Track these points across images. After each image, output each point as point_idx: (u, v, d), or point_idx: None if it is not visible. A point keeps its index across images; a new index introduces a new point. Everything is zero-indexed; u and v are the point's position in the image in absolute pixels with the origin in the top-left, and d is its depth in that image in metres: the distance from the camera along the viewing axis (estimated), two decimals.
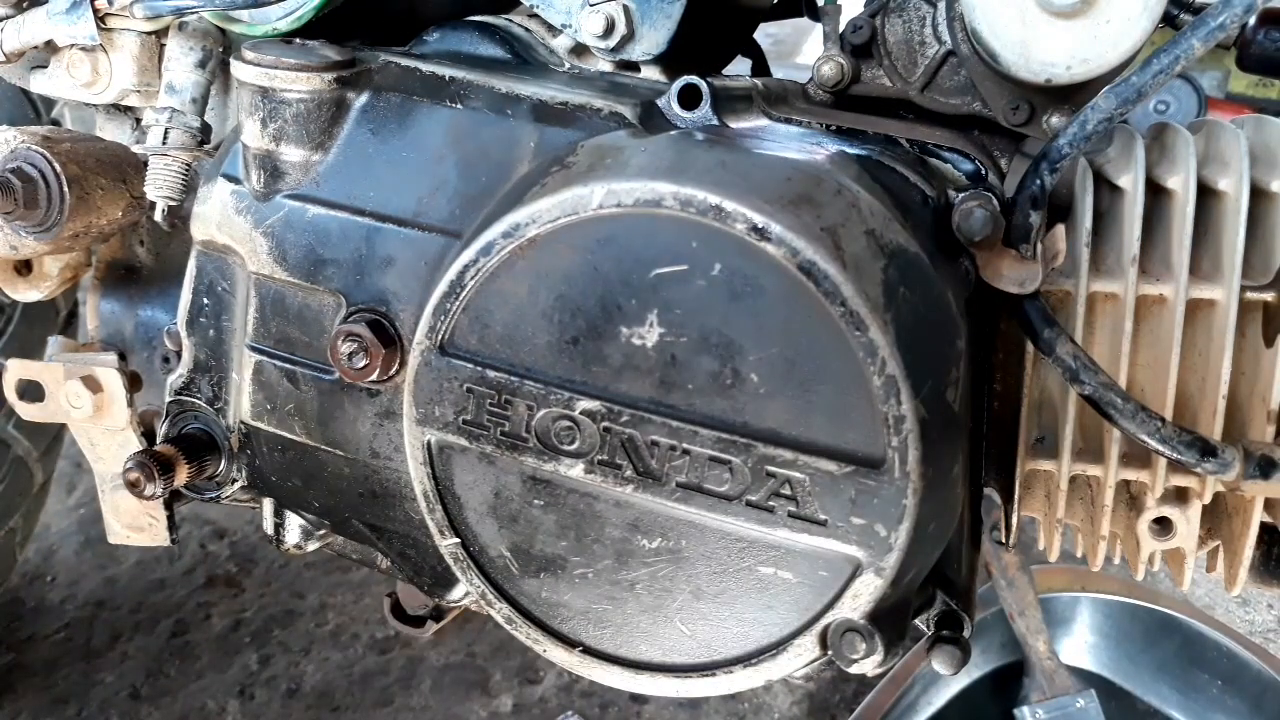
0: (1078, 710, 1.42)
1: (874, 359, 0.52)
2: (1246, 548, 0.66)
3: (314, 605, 1.76)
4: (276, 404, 0.73)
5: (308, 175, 0.69)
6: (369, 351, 0.66)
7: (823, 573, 0.56)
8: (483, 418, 0.60)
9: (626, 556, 0.60)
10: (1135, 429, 0.56)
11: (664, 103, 0.63)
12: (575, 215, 0.56)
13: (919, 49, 0.67)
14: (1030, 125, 0.66)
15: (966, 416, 0.63)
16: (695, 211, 0.54)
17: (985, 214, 0.58)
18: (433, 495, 0.63)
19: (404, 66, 0.69)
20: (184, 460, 0.75)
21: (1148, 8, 0.59)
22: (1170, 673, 1.50)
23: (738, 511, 0.56)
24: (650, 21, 0.72)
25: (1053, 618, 1.47)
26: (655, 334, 0.56)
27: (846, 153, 0.64)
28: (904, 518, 0.54)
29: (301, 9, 0.76)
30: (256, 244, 0.71)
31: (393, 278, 0.67)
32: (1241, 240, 0.61)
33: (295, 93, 0.67)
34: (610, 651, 0.63)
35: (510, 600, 0.64)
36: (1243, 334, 0.64)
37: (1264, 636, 1.79)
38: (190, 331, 0.77)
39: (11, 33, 0.82)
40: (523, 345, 0.59)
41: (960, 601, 0.65)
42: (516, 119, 0.66)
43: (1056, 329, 0.57)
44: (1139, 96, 0.56)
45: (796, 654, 0.58)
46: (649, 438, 0.57)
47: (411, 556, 0.74)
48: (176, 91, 0.81)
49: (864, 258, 0.54)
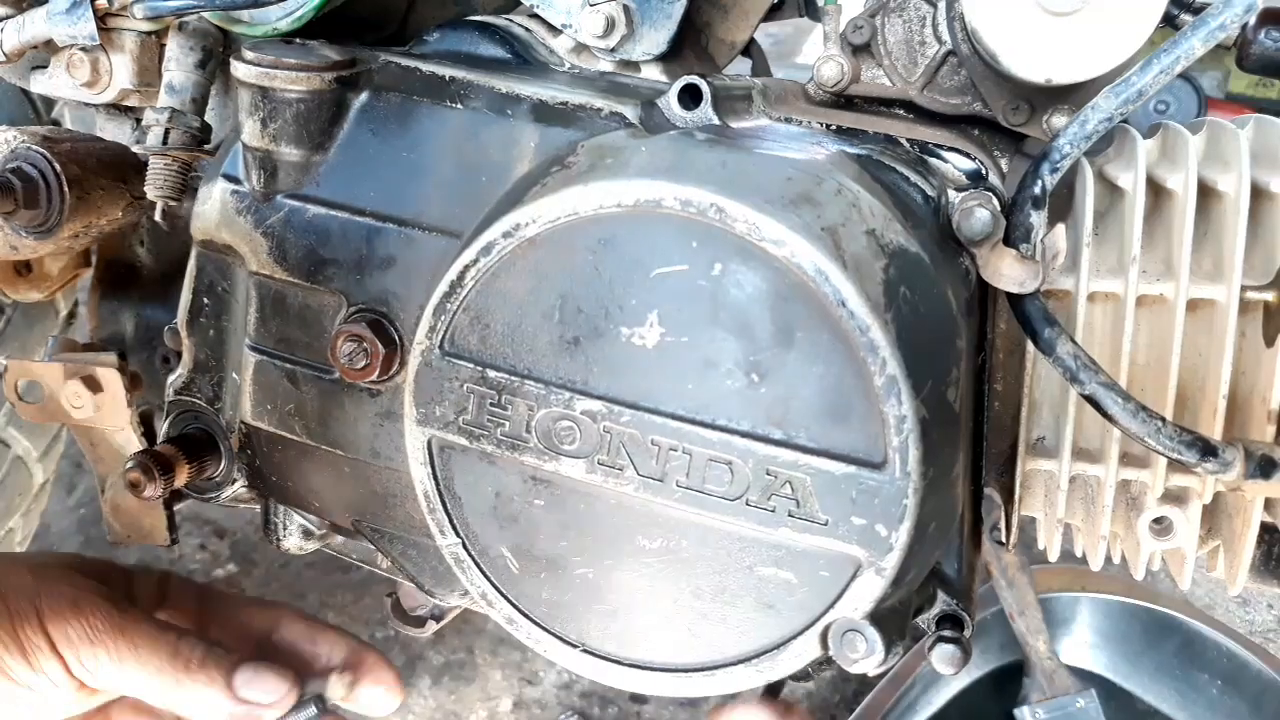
0: (1078, 710, 1.42)
1: (874, 359, 0.52)
2: (1246, 547, 0.66)
3: (314, 605, 1.76)
4: (276, 404, 0.73)
5: (308, 175, 0.69)
6: (369, 351, 0.66)
7: (823, 573, 0.56)
8: (483, 418, 0.60)
9: (626, 556, 0.60)
10: (1135, 429, 0.56)
11: (664, 103, 0.63)
12: (575, 215, 0.56)
13: (919, 49, 0.67)
14: (1030, 125, 0.66)
15: (966, 416, 0.63)
16: (695, 211, 0.54)
17: (986, 214, 0.58)
18: (433, 495, 0.63)
19: (404, 66, 0.69)
20: (184, 460, 0.75)
21: (1148, 8, 0.59)
22: (1170, 673, 1.50)
23: (738, 512, 0.56)
24: (650, 21, 0.72)
25: (1053, 618, 1.47)
26: (656, 334, 0.56)
27: (846, 153, 0.64)
28: (904, 518, 0.54)
29: (301, 9, 0.76)
30: (256, 244, 0.71)
31: (393, 278, 0.67)
32: (1242, 240, 0.61)
33: (295, 93, 0.67)
34: (610, 651, 0.63)
35: (510, 600, 0.64)
36: (1243, 334, 0.64)
37: (1264, 636, 1.79)
38: (190, 331, 0.77)
39: (11, 33, 0.82)
40: (523, 345, 0.59)
41: (960, 601, 0.65)
42: (517, 119, 0.66)
43: (1056, 329, 0.57)
44: (1139, 96, 0.56)
45: (797, 654, 0.58)
46: (649, 438, 0.57)
47: (412, 556, 0.74)
48: (176, 91, 0.81)
49: (864, 258, 0.54)
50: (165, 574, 0.81)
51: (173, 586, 0.80)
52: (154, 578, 0.80)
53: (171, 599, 0.79)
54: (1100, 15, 0.59)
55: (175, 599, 0.79)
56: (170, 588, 0.80)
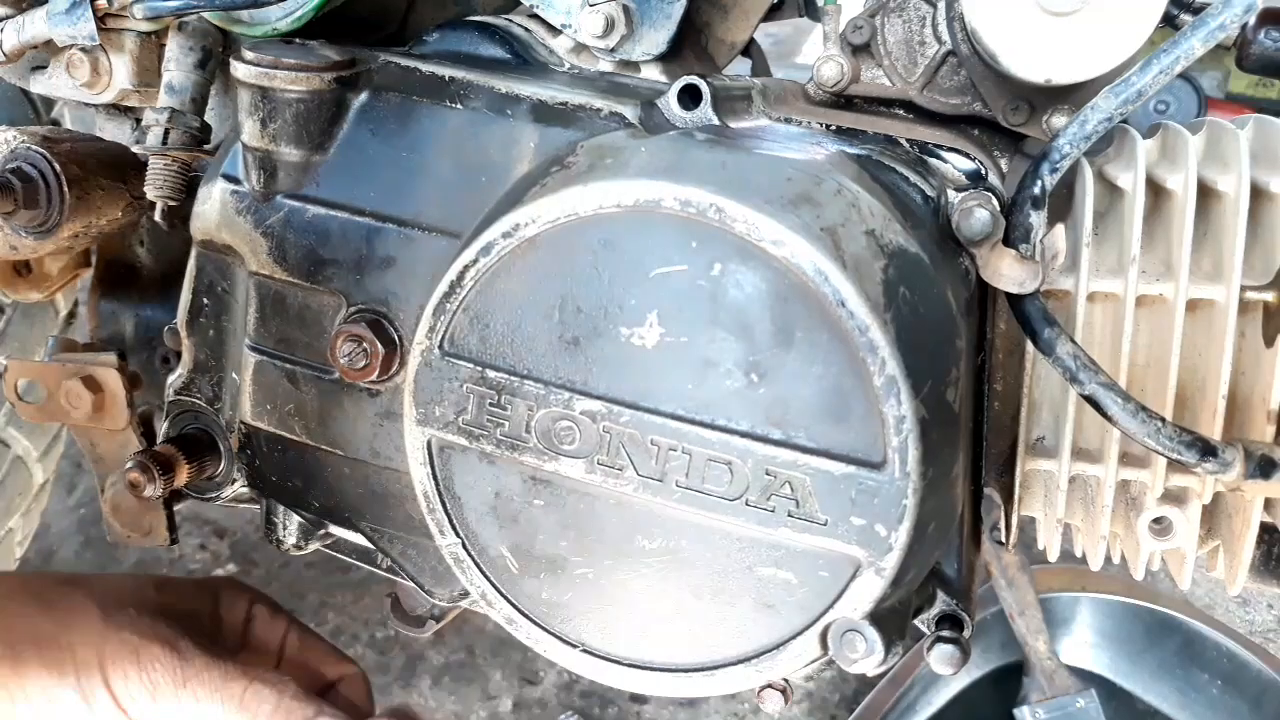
0: (1078, 710, 1.42)
1: (874, 359, 0.52)
2: (1246, 548, 0.66)
3: (314, 605, 1.76)
4: (276, 404, 0.73)
5: (307, 175, 0.69)
6: (369, 351, 0.66)
7: (823, 573, 0.56)
8: (483, 418, 0.60)
9: (626, 556, 0.60)
10: (1135, 429, 0.56)
11: (664, 103, 0.63)
12: (575, 215, 0.56)
13: (919, 49, 0.67)
14: (1030, 125, 0.66)
15: (966, 416, 0.63)
16: (695, 211, 0.54)
17: (985, 214, 0.58)
18: (433, 495, 0.63)
19: (404, 66, 0.69)
20: (184, 460, 0.75)
21: (1148, 8, 0.59)
22: (1170, 673, 1.50)
23: (738, 512, 0.56)
24: (650, 21, 0.72)
25: (1053, 618, 1.47)
26: (655, 334, 0.56)
27: (846, 153, 0.64)
28: (904, 518, 0.54)
29: (301, 9, 0.76)
30: (256, 244, 0.71)
31: (393, 278, 0.67)
32: (1242, 240, 0.61)
33: (295, 93, 0.67)
34: (610, 651, 0.63)
35: (510, 600, 0.64)
36: (1243, 334, 0.64)
37: (1264, 636, 1.79)
38: (190, 331, 0.77)
39: (11, 33, 0.82)
40: (523, 345, 0.59)
41: (960, 601, 0.65)
42: (516, 119, 0.66)
43: (1056, 329, 0.57)
44: (1139, 96, 0.56)
45: (796, 654, 0.58)
46: (649, 438, 0.57)
47: (412, 556, 0.74)
48: (176, 91, 0.81)
49: (864, 258, 0.54)
50: (254, 595, 0.79)
51: (259, 614, 0.78)
52: (244, 600, 0.78)
53: (258, 627, 0.78)
54: (1100, 15, 0.59)
55: (261, 628, 0.78)
56: (257, 614, 0.78)
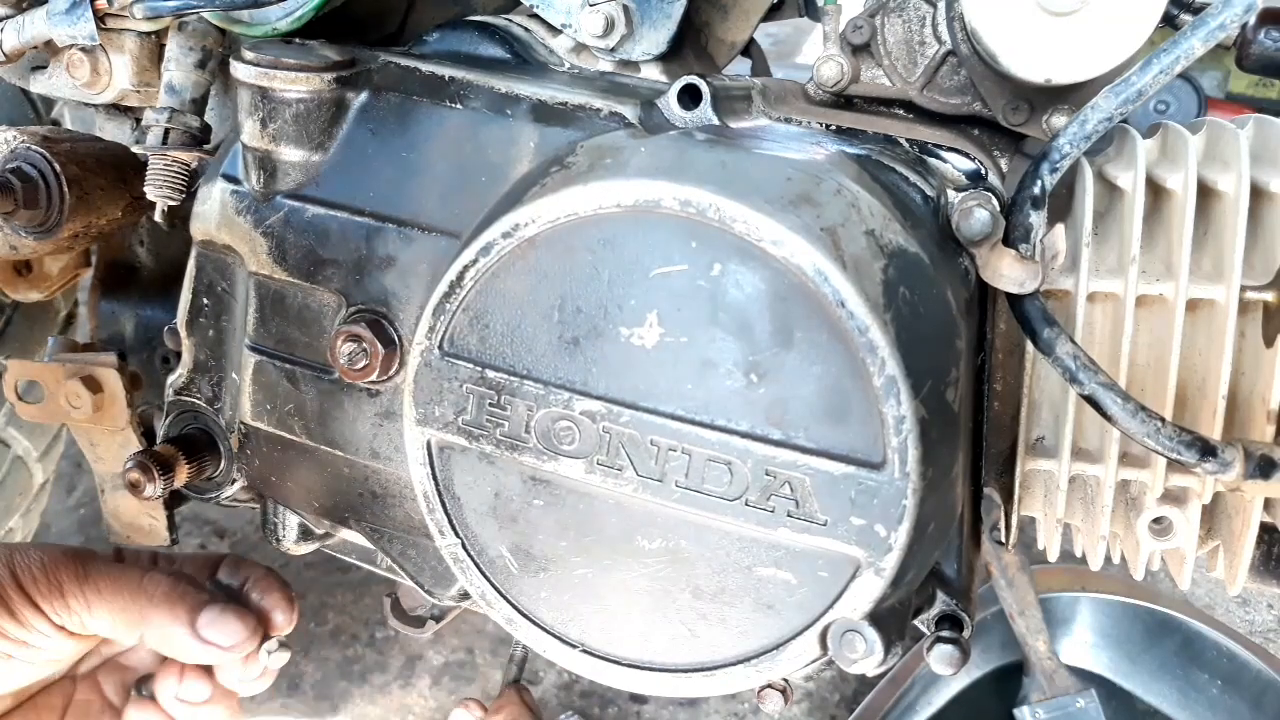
0: (1078, 710, 1.42)
1: (873, 359, 0.52)
2: (1246, 548, 0.66)
3: (314, 605, 1.76)
4: (276, 404, 0.73)
5: (307, 175, 0.69)
6: (369, 351, 0.66)
7: (822, 573, 0.56)
8: (482, 418, 0.60)
9: (626, 556, 0.60)
10: (1135, 429, 0.56)
11: (664, 103, 0.63)
12: (575, 215, 0.56)
13: (919, 49, 0.67)
14: (1030, 125, 0.66)
15: (966, 416, 0.63)
16: (695, 211, 0.54)
17: (985, 214, 0.58)
18: (433, 495, 0.63)
19: (404, 66, 0.69)
20: (184, 460, 0.75)
21: (1148, 8, 0.59)
22: (1170, 673, 1.50)
23: (737, 512, 0.56)
24: (650, 21, 0.72)
25: (1053, 618, 1.47)
26: (655, 334, 0.56)
27: (846, 153, 0.64)
28: (904, 518, 0.54)
29: (301, 9, 0.76)
30: (256, 244, 0.71)
31: (393, 278, 0.67)
32: (1242, 240, 0.61)
33: (295, 93, 0.67)
34: (610, 651, 0.63)
35: (510, 600, 0.64)
36: (1243, 334, 0.64)
37: (1264, 636, 1.79)
38: (190, 331, 0.77)
39: (11, 33, 0.82)
40: (522, 345, 0.59)
41: (960, 601, 0.65)
42: (516, 119, 0.66)
43: (1056, 329, 0.57)
44: (1139, 96, 0.56)
45: (796, 654, 0.58)
46: (648, 438, 0.57)
47: (412, 556, 0.74)
48: (176, 92, 0.81)
49: (864, 258, 0.54)
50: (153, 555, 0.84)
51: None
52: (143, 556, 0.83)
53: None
54: (1100, 15, 0.59)
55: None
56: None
